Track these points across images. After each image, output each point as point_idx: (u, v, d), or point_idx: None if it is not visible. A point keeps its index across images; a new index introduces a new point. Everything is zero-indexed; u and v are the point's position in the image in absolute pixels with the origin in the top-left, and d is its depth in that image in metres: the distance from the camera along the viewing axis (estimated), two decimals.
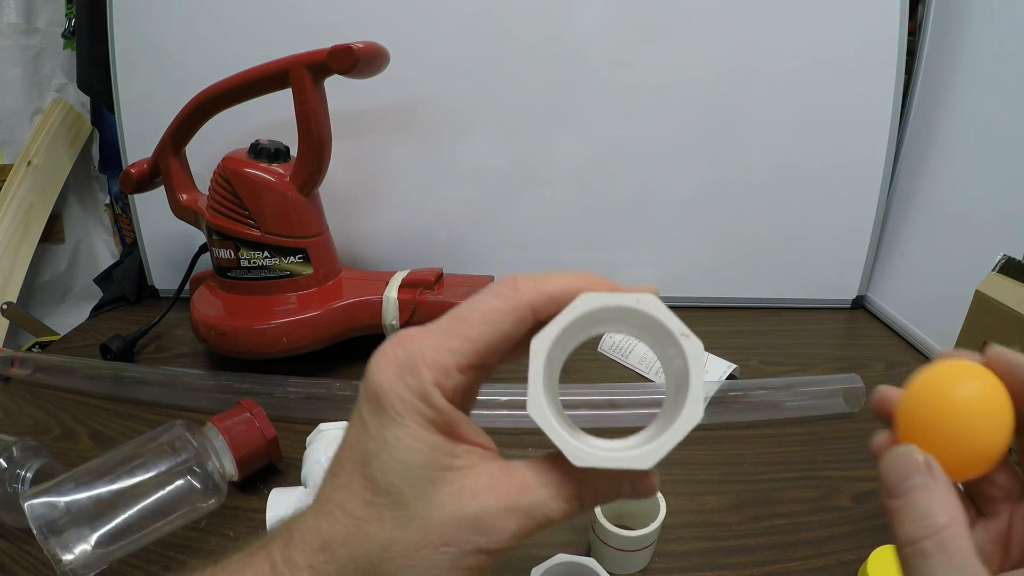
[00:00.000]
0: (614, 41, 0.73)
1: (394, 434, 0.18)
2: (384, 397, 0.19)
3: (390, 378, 0.19)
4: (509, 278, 0.20)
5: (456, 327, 0.19)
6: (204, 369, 0.65)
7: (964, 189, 0.69)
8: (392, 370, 0.19)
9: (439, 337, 0.19)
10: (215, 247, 0.62)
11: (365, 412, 0.19)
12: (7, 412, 0.59)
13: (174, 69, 0.74)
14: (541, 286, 0.20)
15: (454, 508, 0.18)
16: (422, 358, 0.19)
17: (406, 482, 0.18)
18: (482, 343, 0.19)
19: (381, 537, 0.18)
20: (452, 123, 0.76)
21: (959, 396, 0.19)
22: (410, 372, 0.19)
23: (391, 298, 0.63)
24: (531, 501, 0.19)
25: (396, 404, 0.18)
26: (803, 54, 0.72)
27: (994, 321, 0.47)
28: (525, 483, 0.19)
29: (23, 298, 0.79)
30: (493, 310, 0.19)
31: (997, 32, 0.65)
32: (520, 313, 0.19)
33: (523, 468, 0.20)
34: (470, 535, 0.18)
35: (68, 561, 0.37)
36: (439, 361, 0.19)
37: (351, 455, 0.20)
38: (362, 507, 0.19)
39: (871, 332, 0.77)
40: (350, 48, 0.54)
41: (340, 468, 0.20)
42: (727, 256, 0.80)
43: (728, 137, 0.76)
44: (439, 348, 0.19)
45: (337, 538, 0.19)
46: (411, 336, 0.20)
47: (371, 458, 0.19)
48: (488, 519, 0.18)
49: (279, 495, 0.42)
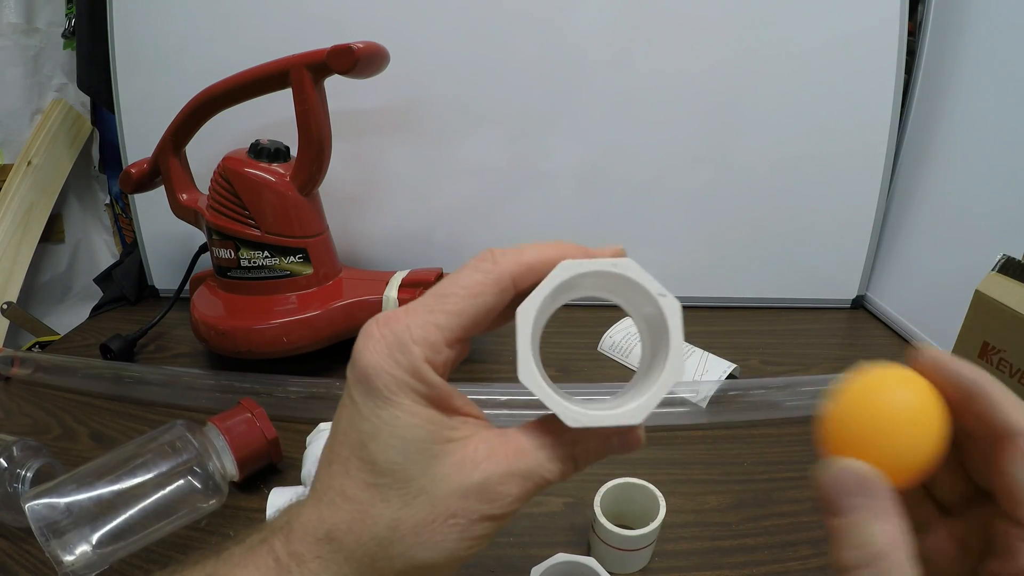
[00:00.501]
0: (613, 41, 0.73)
1: (390, 413, 0.18)
2: (376, 377, 0.19)
3: (379, 358, 0.19)
4: (486, 252, 0.20)
5: (440, 303, 0.19)
6: (204, 369, 0.65)
7: (964, 189, 0.69)
8: (381, 350, 0.19)
9: (424, 314, 0.19)
10: (215, 247, 0.62)
11: (356, 395, 0.19)
12: (7, 412, 0.59)
13: (174, 69, 0.74)
14: (519, 257, 0.20)
15: (459, 478, 0.18)
16: (410, 335, 0.19)
17: (408, 458, 0.18)
18: (467, 317, 0.19)
19: (387, 517, 0.18)
20: (452, 123, 0.76)
21: (889, 403, 0.18)
22: (400, 350, 0.19)
23: (391, 298, 0.63)
24: (528, 464, 0.19)
25: (389, 383, 0.18)
26: (803, 54, 0.72)
27: (994, 321, 0.47)
28: (521, 447, 0.19)
29: (23, 298, 0.79)
30: (475, 283, 0.20)
31: (997, 32, 0.65)
32: (501, 285, 0.20)
33: (518, 434, 0.20)
34: (476, 504, 0.18)
35: (69, 562, 0.37)
36: (427, 337, 0.19)
37: (345, 440, 0.19)
38: (364, 490, 0.19)
39: (871, 332, 0.77)
40: (350, 48, 0.54)
41: (335, 455, 0.20)
42: (727, 256, 0.80)
43: (728, 137, 0.76)
44: (426, 324, 0.19)
45: (341, 525, 0.19)
46: (395, 315, 0.19)
47: (368, 439, 0.19)
48: (491, 486, 0.19)
49: (279, 495, 0.42)
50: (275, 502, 0.42)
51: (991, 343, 0.48)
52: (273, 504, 0.41)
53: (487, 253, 0.20)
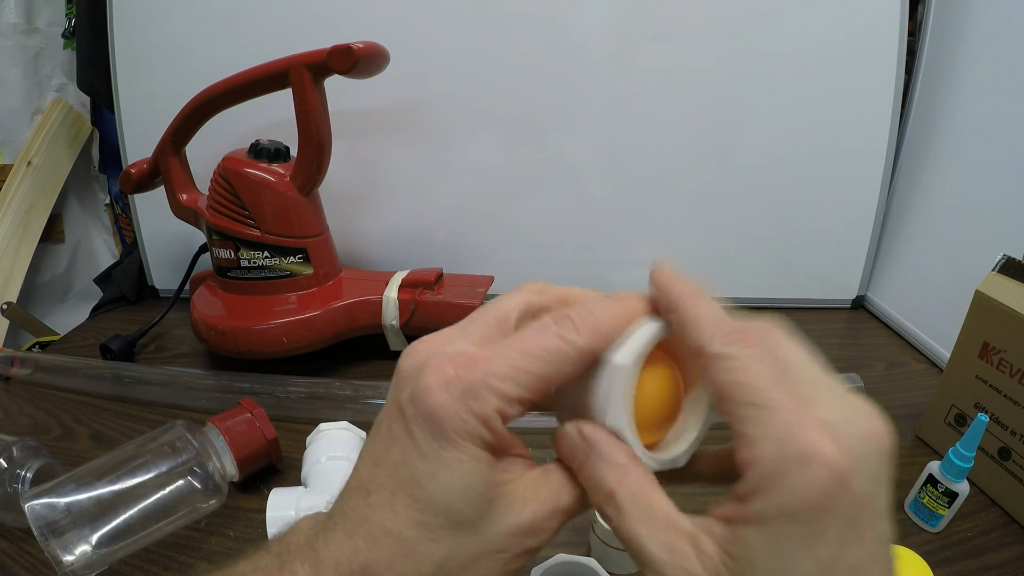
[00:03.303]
0: (613, 41, 0.73)
1: (455, 456, 0.18)
2: (445, 420, 0.18)
3: (451, 401, 0.18)
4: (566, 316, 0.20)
5: (524, 361, 0.19)
6: (204, 369, 0.65)
7: (964, 189, 0.69)
8: (454, 393, 0.18)
9: (506, 368, 0.19)
10: (215, 247, 0.62)
11: (417, 431, 0.19)
12: (7, 412, 0.59)
13: (174, 69, 0.74)
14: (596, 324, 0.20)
15: (510, 520, 0.19)
16: (489, 386, 0.18)
17: (469, 503, 0.18)
18: (545, 380, 0.19)
19: (437, 556, 0.18)
20: (452, 123, 0.76)
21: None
22: (474, 398, 0.18)
23: (391, 298, 0.63)
24: (568, 501, 0.20)
25: (458, 427, 0.18)
26: (803, 54, 0.72)
27: (994, 321, 0.47)
28: (562, 485, 0.20)
29: (23, 298, 0.79)
30: (561, 352, 0.19)
31: (997, 32, 0.65)
32: (583, 358, 0.20)
33: (556, 471, 0.21)
34: (522, 539, 0.19)
35: (69, 562, 0.37)
36: (506, 392, 0.19)
37: (393, 474, 0.19)
38: (411, 528, 0.18)
39: (871, 332, 0.77)
40: (350, 48, 0.54)
41: (376, 487, 0.19)
42: (727, 256, 0.81)
43: (728, 137, 0.76)
44: (507, 379, 0.19)
45: (381, 560, 0.18)
46: (473, 360, 0.19)
47: (425, 479, 0.18)
48: (538, 523, 0.20)
49: (279, 495, 0.42)
50: (275, 502, 0.41)
51: (991, 343, 0.48)
52: (273, 504, 0.41)
53: (567, 318, 0.20)
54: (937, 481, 0.44)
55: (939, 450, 0.53)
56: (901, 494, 0.48)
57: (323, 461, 0.45)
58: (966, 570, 0.42)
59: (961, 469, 0.43)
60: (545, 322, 0.20)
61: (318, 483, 0.43)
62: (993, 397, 0.47)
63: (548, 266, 0.80)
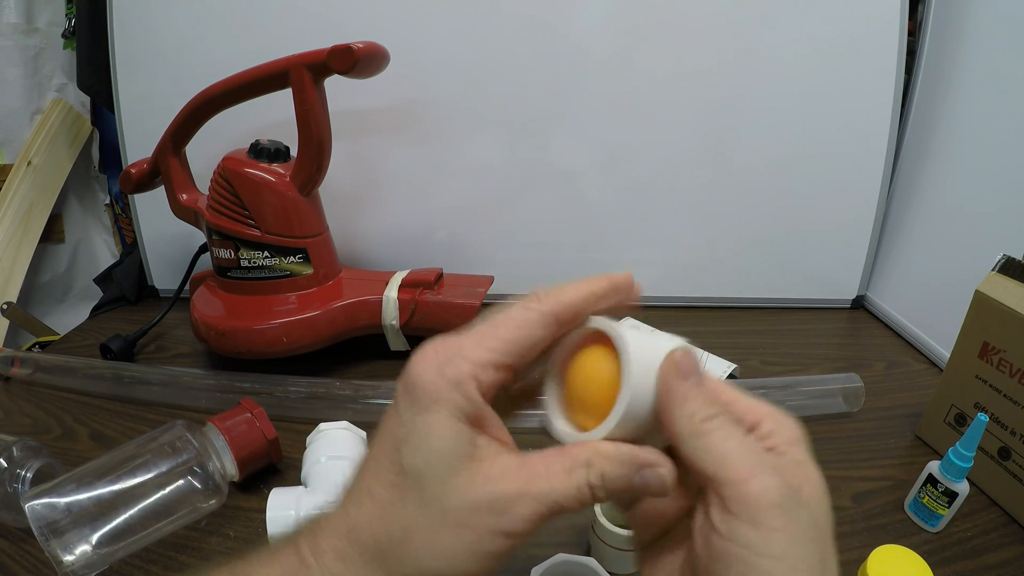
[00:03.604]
0: (613, 41, 0.73)
1: (424, 420, 0.20)
2: (420, 387, 0.20)
3: (428, 369, 0.20)
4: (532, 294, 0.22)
5: (492, 331, 0.21)
6: (204, 369, 0.65)
7: (964, 189, 0.69)
8: (431, 363, 0.20)
9: (476, 337, 0.21)
10: (215, 247, 0.62)
11: (401, 402, 0.21)
12: (7, 412, 0.59)
13: (174, 69, 0.74)
14: (559, 296, 0.22)
15: (468, 492, 0.19)
16: (461, 352, 0.20)
17: (429, 466, 0.19)
18: (515, 344, 0.21)
19: (404, 519, 0.19)
20: (452, 123, 0.76)
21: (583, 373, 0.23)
22: (449, 364, 0.20)
23: (391, 298, 0.63)
24: (541, 487, 0.20)
25: (431, 392, 0.20)
26: (803, 55, 0.72)
27: (994, 321, 0.47)
28: (536, 471, 0.20)
29: (23, 298, 0.79)
30: (524, 317, 0.21)
31: (997, 32, 0.65)
32: (546, 320, 0.21)
33: (536, 459, 0.21)
34: (485, 518, 0.19)
35: (69, 562, 0.37)
36: (477, 356, 0.20)
37: (382, 443, 0.21)
38: (388, 489, 0.20)
39: (871, 332, 0.77)
40: (350, 48, 0.54)
41: (371, 458, 0.21)
42: (727, 256, 0.81)
43: (728, 138, 0.76)
44: (477, 346, 0.21)
45: (363, 521, 0.20)
46: (451, 337, 0.21)
47: (401, 443, 0.20)
48: (502, 503, 0.19)
49: (279, 495, 0.42)
50: (275, 502, 0.41)
51: (991, 343, 0.48)
52: (273, 504, 0.41)
53: (532, 295, 0.22)
54: (937, 481, 0.44)
55: (939, 450, 0.53)
56: (901, 494, 0.48)
57: (323, 461, 0.45)
58: (966, 570, 0.42)
59: (961, 469, 0.43)
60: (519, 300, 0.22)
61: (318, 483, 0.43)
62: (993, 397, 0.47)
63: (548, 266, 0.80)
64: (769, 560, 0.17)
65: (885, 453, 0.54)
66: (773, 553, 0.18)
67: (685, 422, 0.20)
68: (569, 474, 0.20)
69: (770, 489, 0.18)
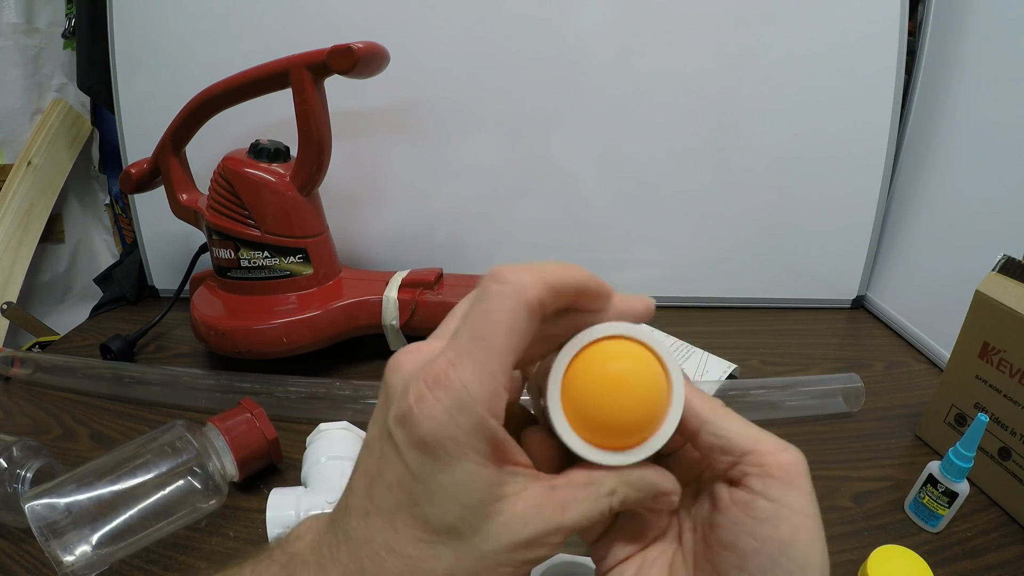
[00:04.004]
0: (613, 42, 0.73)
1: (449, 478, 0.18)
2: (438, 445, 0.18)
3: (441, 424, 0.18)
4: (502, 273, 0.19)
5: (484, 348, 0.18)
6: (204, 369, 0.65)
7: (964, 189, 0.69)
8: (441, 416, 0.18)
9: (473, 364, 0.18)
10: (215, 247, 0.62)
11: (410, 458, 0.18)
12: (7, 412, 0.59)
13: (174, 69, 0.74)
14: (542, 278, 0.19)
15: (509, 536, 0.19)
16: (470, 395, 0.18)
17: (464, 521, 0.18)
18: (512, 353, 0.19)
19: (439, 571, 0.19)
20: (452, 123, 0.76)
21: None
22: (463, 414, 0.18)
23: (391, 298, 0.63)
24: (572, 518, 0.20)
25: (451, 449, 0.18)
26: (803, 55, 0.72)
27: (994, 321, 0.47)
28: (566, 502, 0.20)
29: (23, 298, 0.79)
30: (507, 314, 0.18)
31: (997, 32, 0.65)
32: (533, 310, 0.19)
33: (564, 487, 0.21)
34: (523, 554, 0.19)
35: (69, 563, 0.37)
36: (486, 392, 0.18)
37: (392, 496, 0.19)
38: (415, 546, 0.19)
39: (871, 332, 0.77)
40: (350, 48, 0.54)
41: (374, 508, 0.19)
42: (727, 256, 0.80)
43: (728, 137, 0.76)
44: (481, 378, 0.18)
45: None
46: (443, 372, 0.18)
47: (422, 500, 0.18)
48: (539, 539, 0.19)
49: (279, 495, 0.42)
50: (275, 502, 0.41)
51: (991, 343, 0.48)
52: (273, 504, 0.41)
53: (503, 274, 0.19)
54: (937, 481, 0.44)
55: (939, 450, 0.53)
56: (901, 494, 0.48)
57: (323, 461, 0.45)
58: (966, 570, 0.42)
59: (961, 469, 0.43)
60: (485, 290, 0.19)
61: (318, 483, 0.43)
62: (993, 397, 0.47)
63: None
64: (807, 518, 0.20)
65: (885, 453, 0.54)
66: (808, 512, 0.20)
67: (709, 411, 0.21)
68: (596, 501, 0.20)
69: (799, 459, 0.21)
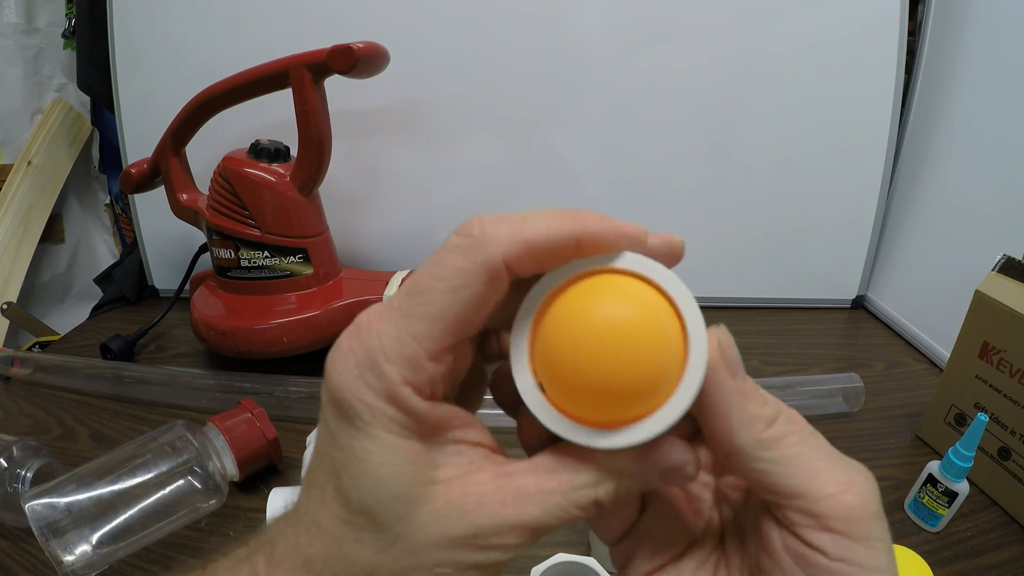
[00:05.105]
0: (613, 40, 0.73)
1: (363, 445, 0.15)
2: (348, 402, 0.15)
3: (350, 379, 0.15)
4: (472, 222, 0.16)
5: (415, 304, 0.16)
6: (204, 369, 0.65)
7: (964, 189, 0.69)
8: (350, 369, 0.16)
9: (398, 321, 0.15)
10: (215, 247, 0.62)
11: (330, 418, 0.16)
12: (7, 412, 0.59)
13: (174, 69, 0.74)
14: (516, 231, 0.16)
15: (441, 529, 0.15)
16: (383, 352, 0.15)
17: (380, 503, 0.15)
18: (451, 318, 0.15)
19: (363, 560, 0.16)
20: (452, 123, 0.76)
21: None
22: (371, 371, 0.15)
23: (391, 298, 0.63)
24: (534, 514, 0.16)
25: (361, 411, 0.15)
26: (803, 55, 0.72)
27: (994, 321, 0.47)
28: (523, 491, 0.16)
29: (23, 298, 0.79)
30: (456, 272, 0.15)
31: (997, 32, 0.65)
32: (491, 271, 0.15)
33: (523, 472, 0.17)
34: (464, 554, 0.16)
35: (69, 562, 0.37)
36: (404, 353, 0.15)
37: (322, 464, 0.17)
38: (338, 525, 0.16)
39: (871, 332, 0.77)
40: (350, 48, 0.54)
41: (312, 478, 0.17)
42: (727, 256, 0.80)
43: (728, 137, 0.76)
44: (401, 337, 0.15)
45: (318, 558, 0.16)
46: (367, 322, 0.16)
47: (342, 470, 0.16)
48: (483, 537, 0.16)
49: (279, 495, 0.42)
50: (275, 502, 0.41)
51: (991, 343, 0.48)
52: (273, 504, 0.41)
53: (472, 223, 0.16)
54: (937, 481, 0.44)
55: (939, 450, 0.53)
56: (901, 494, 0.48)
57: None
58: (966, 570, 0.42)
59: (961, 469, 0.43)
60: (444, 243, 0.16)
61: None
62: (993, 397, 0.47)
63: None
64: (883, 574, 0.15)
65: (885, 453, 0.54)
66: (880, 566, 0.15)
67: (748, 431, 0.16)
68: (568, 494, 0.16)
69: (868, 498, 0.16)
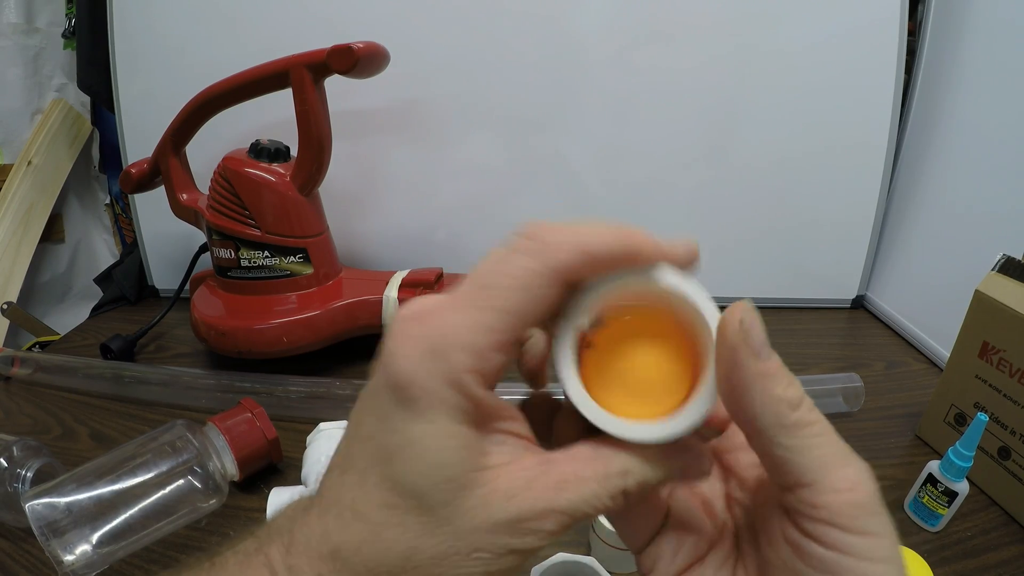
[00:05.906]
0: (613, 41, 0.73)
1: (421, 429, 0.16)
2: (410, 387, 0.16)
3: (415, 365, 0.16)
4: (531, 229, 0.17)
5: (487, 297, 0.16)
6: (204, 369, 0.65)
7: (964, 189, 0.69)
8: (417, 355, 0.16)
9: (470, 311, 0.16)
10: (215, 247, 0.62)
11: (386, 402, 0.16)
12: (7, 412, 0.59)
13: (174, 69, 0.74)
14: (577, 240, 0.17)
15: (487, 514, 0.16)
16: (455, 340, 0.16)
17: (435, 485, 0.16)
18: (519, 314, 0.16)
19: (403, 545, 0.16)
20: (452, 123, 0.76)
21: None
22: (441, 357, 0.16)
23: (391, 298, 0.63)
24: (572, 500, 0.17)
25: (424, 396, 0.16)
26: (803, 54, 0.72)
27: (994, 321, 0.47)
28: (564, 478, 0.17)
29: (23, 298, 0.79)
30: (525, 272, 0.16)
31: (997, 32, 0.65)
32: (557, 274, 0.16)
33: (563, 461, 0.17)
34: (505, 539, 0.16)
35: (69, 562, 0.37)
36: (475, 342, 0.16)
37: (366, 449, 0.17)
38: (380, 511, 0.16)
39: (871, 332, 0.77)
40: (350, 48, 0.54)
41: (350, 464, 0.17)
42: (727, 256, 0.80)
43: (728, 137, 0.76)
44: (474, 326, 0.16)
45: (350, 545, 0.17)
46: (435, 310, 0.16)
47: (392, 455, 0.16)
48: (525, 521, 0.16)
49: (279, 495, 0.42)
50: (275, 502, 0.42)
51: (991, 343, 0.48)
52: (273, 504, 0.41)
53: (532, 230, 0.17)
54: (937, 480, 0.44)
55: (939, 449, 0.53)
56: (901, 493, 0.48)
57: (323, 461, 0.45)
58: (966, 570, 0.42)
59: (961, 468, 0.43)
60: (509, 243, 0.17)
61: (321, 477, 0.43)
62: (993, 397, 0.47)
63: None
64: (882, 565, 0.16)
65: (885, 453, 0.54)
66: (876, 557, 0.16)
67: (772, 413, 0.16)
68: (603, 482, 0.17)
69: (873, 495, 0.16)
